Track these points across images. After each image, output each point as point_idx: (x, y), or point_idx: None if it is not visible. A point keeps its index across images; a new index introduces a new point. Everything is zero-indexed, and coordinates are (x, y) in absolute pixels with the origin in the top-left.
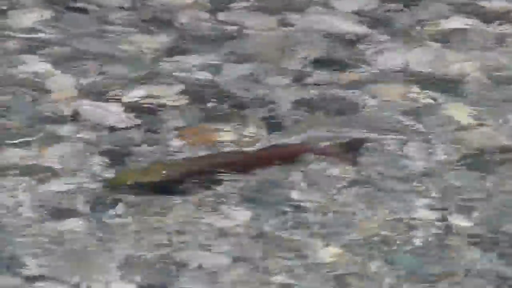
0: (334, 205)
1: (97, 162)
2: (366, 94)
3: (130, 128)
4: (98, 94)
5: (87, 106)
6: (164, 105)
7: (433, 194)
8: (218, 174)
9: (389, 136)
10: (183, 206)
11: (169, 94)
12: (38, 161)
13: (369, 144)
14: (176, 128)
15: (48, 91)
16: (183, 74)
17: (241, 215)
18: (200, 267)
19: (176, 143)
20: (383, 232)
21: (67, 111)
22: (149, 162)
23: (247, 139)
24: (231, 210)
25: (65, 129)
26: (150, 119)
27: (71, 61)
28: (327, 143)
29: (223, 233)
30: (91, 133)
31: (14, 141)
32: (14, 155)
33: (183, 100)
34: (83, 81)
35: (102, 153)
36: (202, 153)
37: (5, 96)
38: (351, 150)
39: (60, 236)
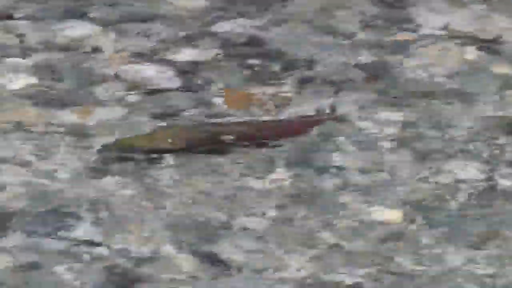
0: (378, 166)
1: (143, 123)
2: (411, 55)
3: (176, 90)
4: (144, 56)
5: (133, 68)
6: (208, 66)
7: (479, 155)
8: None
9: (433, 98)
10: (229, 168)
11: (213, 55)
12: (85, 123)
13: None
14: (220, 89)
15: (95, 53)
16: (228, 35)
17: (285, 176)
18: (244, 228)
19: (220, 104)
20: (428, 193)
21: (114, 73)
22: (188, 124)
23: (286, 100)
24: (275, 172)
25: (111, 91)
26: (195, 80)
27: (118, 23)
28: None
29: (267, 195)
30: (136, 95)
31: (62, 104)
32: (62, 117)
33: (227, 61)
34: (129, 43)
35: (148, 115)
36: (243, 115)
37: (52, 59)
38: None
39: (105, 199)
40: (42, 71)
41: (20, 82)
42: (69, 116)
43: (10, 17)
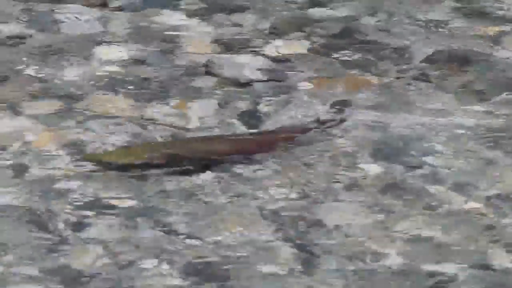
0: (469, 158)
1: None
2: (502, 45)
3: (265, 81)
4: (233, 47)
5: (222, 59)
6: (298, 56)
7: None
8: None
9: None
10: (318, 160)
11: (303, 46)
12: (176, 115)
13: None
14: (309, 79)
15: (184, 44)
16: (318, 26)
17: (374, 169)
18: (333, 222)
19: (308, 96)
20: None
21: (204, 64)
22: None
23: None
24: (363, 164)
25: (201, 83)
26: (283, 71)
27: (207, 14)
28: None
29: (355, 187)
30: (226, 87)
31: (154, 96)
32: (154, 110)
33: (317, 51)
34: (219, 34)
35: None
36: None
37: (143, 50)
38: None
39: (195, 190)
40: (134, 62)
41: (111, 70)
42: (163, 109)
43: (104, 5)
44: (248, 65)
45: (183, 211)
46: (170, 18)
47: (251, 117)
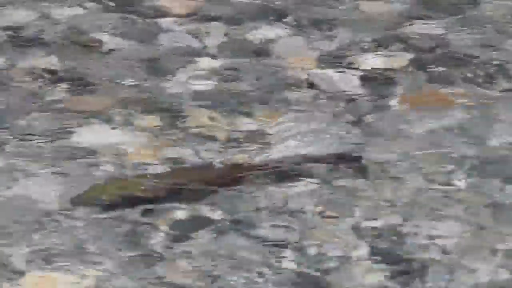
0: None
1: (333, 129)
2: None
3: (362, 95)
4: (333, 61)
5: (321, 73)
6: (395, 71)
7: None
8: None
9: None
10: (413, 178)
11: (401, 60)
12: (271, 128)
13: None
14: (404, 94)
15: (283, 57)
16: (415, 40)
17: (467, 184)
18: (428, 235)
19: (404, 110)
20: None
21: (302, 78)
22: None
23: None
24: (457, 180)
25: (300, 96)
26: (381, 86)
27: (306, 28)
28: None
29: (450, 203)
30: (325, 100)
31: (246, 108)
32: (247, 122)
33: (414, 66)
34: (319, 47)
35: (335, 121)
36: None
37: (238, 62)
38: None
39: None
40: (230, 73)
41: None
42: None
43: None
44: (344, 79)
45: (276, 223)
46: (266, 31)
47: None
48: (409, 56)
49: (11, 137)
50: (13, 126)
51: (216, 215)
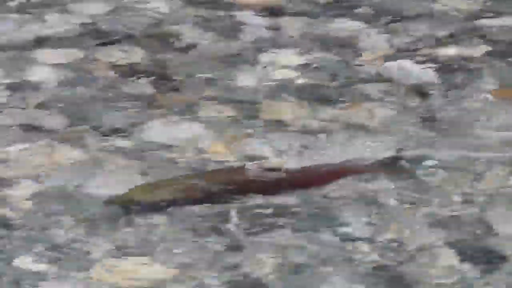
0: None
1: (406, 122)
2: None
3: (438, 88)
4: (407, 53)
5: (395, 65)
6: (469, 64)
7: None
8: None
9: None
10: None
11: (478, 53)
12: (349, 120)
13: None
14: (483, 87)
15: (359, 50)
16: (491, 33)
17: None
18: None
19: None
20: None
21: (377, 71)
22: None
23: None
24: None
25: (375, 89)
26: (457, 78)
27: (379, 21)
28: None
29: None
30: (400, 94)
31: (327, 100)
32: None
33: (492, 58)
34: (393, 40)
35: (409, 114)
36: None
37: (315, 56)
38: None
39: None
40: (309, 67)
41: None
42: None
43: (279, 11)
44: (421, 72)
45: (359, 217)
46: (344, 25)
47: (428, 122)
48: (486, 48)
49: (92, 131)
50: (93, 119)
51: (292, 207)
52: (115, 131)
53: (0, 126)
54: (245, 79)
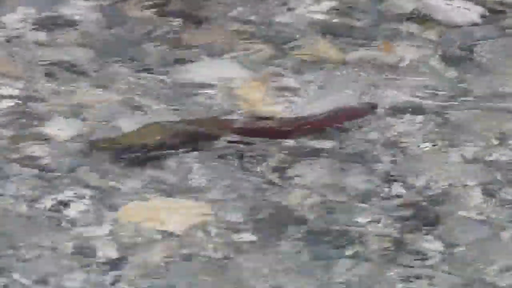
0: None
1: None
2: None
3: (475, 25)
4: None
5: (432, 4)
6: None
7: None
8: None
9: None
10: None
11: None
12: (382, 59)
13: None
14: None
15: None
16: None
17: None
18: None
19: None
20: None
21: (411, 9)
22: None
23: None
24: None
25: (409, 27)
26: (494, 16)
27: None
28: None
29: None
30: (434, 31)
31: (359, 41)
32: (358, 54)
33: None
34: None
35: (442, 54)
36: None
37: None
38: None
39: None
40: (342, 4)
41: (320, 17)
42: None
43: None
44: (458, 9)
45: (389, 157)
46: None
47: (461, 61)
48: None
49: (126, 70)
50: (127, 59)
51: (327, 146)
52: (148, 70)
53: (36, 63)
54: (280, 18)
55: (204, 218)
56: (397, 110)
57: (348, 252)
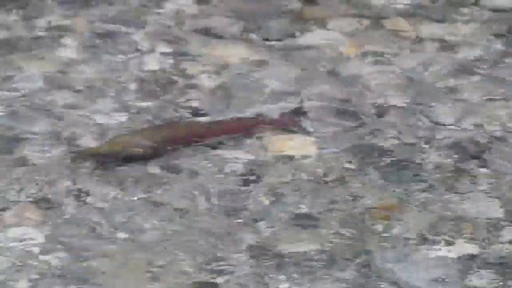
0: None
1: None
2: None
3: None
4: None
5: None
6: None
7: None
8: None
9: None
10: None
11: None
12: (450, 36)
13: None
14: None
15: None
16: None
17: None
18: None
19: None
20: None
21: None
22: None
23: None
24: None
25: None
26: None
27: None
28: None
29: None
30: (488, 12)
31: (431, 16)
32: (430, 29)
33: None
34: None
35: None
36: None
37: None
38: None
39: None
40: None
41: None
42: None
43: None
44: None
45: (446, 107)
46: None
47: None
48: None
49: (257, 36)
50: (259, 28)
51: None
52: (275, 38)
53: (185, 31)
54: (375, 2)
55: None
56: None
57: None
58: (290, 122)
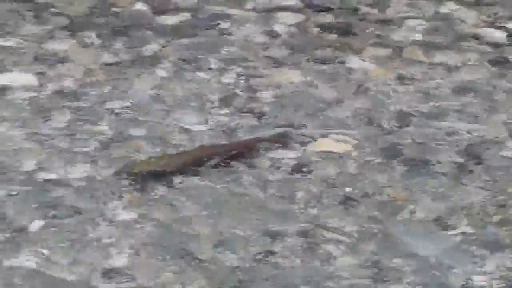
0: None
1: None
2: None
3: None
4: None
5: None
6: None
7: None
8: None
9: None
10: None
11: None
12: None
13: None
14: None
15: None
16: None
17: None
18: None
19: None
20: None
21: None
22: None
23: None
24: None
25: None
26: None
27: None
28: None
29: None
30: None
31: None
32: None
33: None
34: None
35: None
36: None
37: None
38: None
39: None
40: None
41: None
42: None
43: None
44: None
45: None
46: None
47: None
48: None
49: (306, 60)
50: (309, 53)
51: None
52: (322, 61)
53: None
54: (397, 36)
55: None
56: None
57: None
58: (282, 140)
